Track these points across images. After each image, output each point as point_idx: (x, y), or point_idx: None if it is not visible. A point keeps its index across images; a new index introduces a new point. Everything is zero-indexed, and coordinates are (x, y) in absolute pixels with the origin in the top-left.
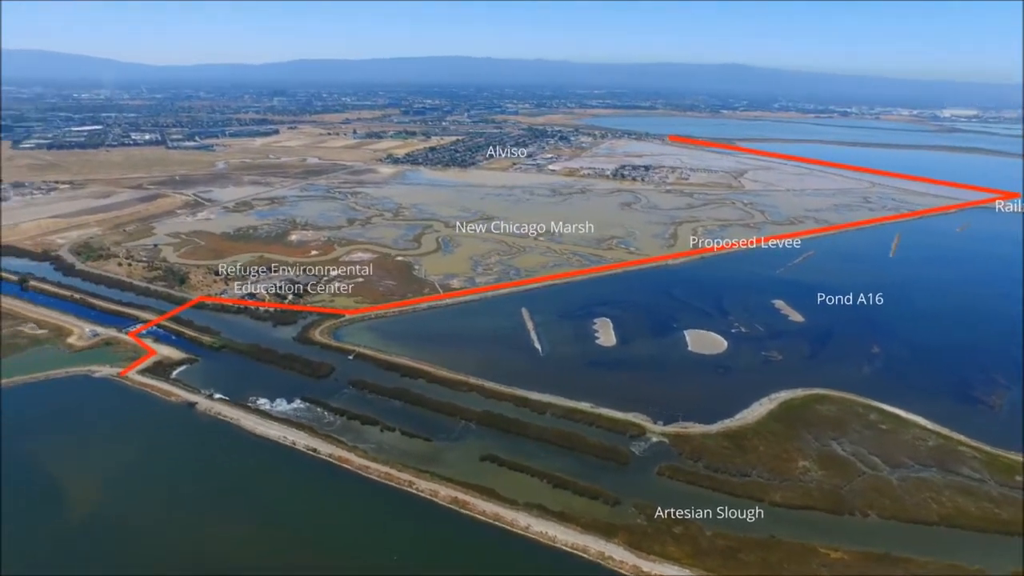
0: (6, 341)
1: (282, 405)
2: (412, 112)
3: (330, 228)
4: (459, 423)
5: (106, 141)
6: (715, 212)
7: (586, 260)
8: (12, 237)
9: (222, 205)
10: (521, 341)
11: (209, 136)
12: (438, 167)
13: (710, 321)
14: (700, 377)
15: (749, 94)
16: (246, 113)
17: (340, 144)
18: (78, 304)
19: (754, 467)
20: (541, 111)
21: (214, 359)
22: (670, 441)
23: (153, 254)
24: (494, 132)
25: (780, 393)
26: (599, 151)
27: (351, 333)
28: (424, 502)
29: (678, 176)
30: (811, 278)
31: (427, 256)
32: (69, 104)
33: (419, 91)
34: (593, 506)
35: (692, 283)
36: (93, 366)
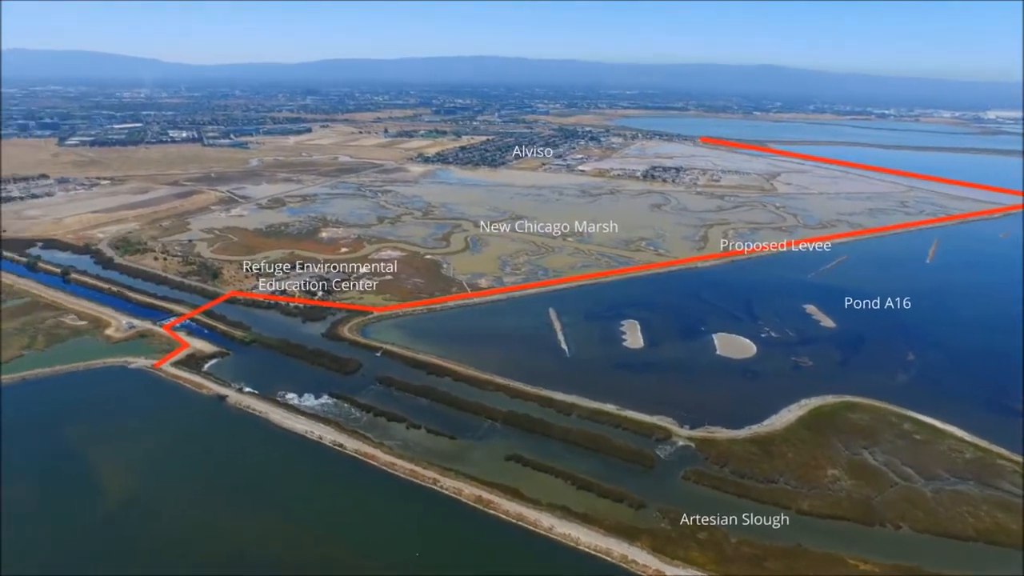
0: (49, 331)
1: (310, 400)
2: (443, 111)
3: (360, 226)
4: (484, 422)
5: (145, 138)
6: (746, 215)
7: (614, 261)
8: (56, 231)
9: (255, 202)
10: (548, 341)
11: (244, 134)
12: (468, 166)
13: (739, 325)
14: (728, 381)
15: (783, 95)
16: (280, 112)
17: (371, 143)
18: (116, 297)
19: (782, 474)
20: (572, 111)
21: (245, 353)
22: (696, 445)
23: (188, 249)
24: (524, 132)
25: (810, 400)
26: (630, 152)
27: (379, 330)
28: (448, 500)
29: (709, 178)
30: (844, 283)
31: (455, 255)
32: (112, 102)
33: (450, 91)
34: (617, 509)
35: (722, 286)
36: (129, 357)
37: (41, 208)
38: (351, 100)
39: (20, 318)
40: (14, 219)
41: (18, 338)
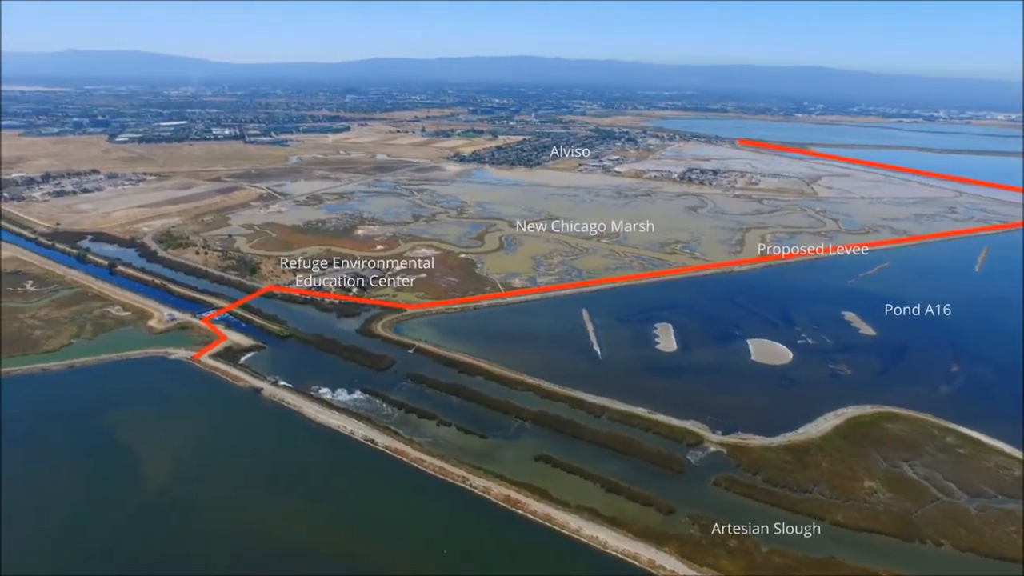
0: (96, 321)
1: (343, 395)
2: (480, 111)
3: (395, 224)
4: (514, 422)
5: (190, 135)
6: (785, 219)
7: (649, 264)
8: (104, 224)
9: (293, 199)
10: (580, 343)
11: (284, 132)
12: (504, 166)
13: (775, 331)
14: (762, 388)
15: (826, 97)
16: (320, 110)
17: (408, 141)
18: (159, 289)
19: (816, 484)
20: (609, 112)
21: (280, 347)
22: (728, 452)
23: (228, 244)
24: (561, 132)
25: (847, 409)
26: (666, 153)
27: (412, 327)
28: (477, 499)
29: (747, 181)
30: (885, 290)
31: (490, 254)
32: (159, 101)
33: (488, 90)
34: (646, 513)
35: (758, 291)
36: (170, 348)
37: (91, 202)
38: (390, 99)
39: (70, 307)
40: (67, 212)
41: (67, 327)
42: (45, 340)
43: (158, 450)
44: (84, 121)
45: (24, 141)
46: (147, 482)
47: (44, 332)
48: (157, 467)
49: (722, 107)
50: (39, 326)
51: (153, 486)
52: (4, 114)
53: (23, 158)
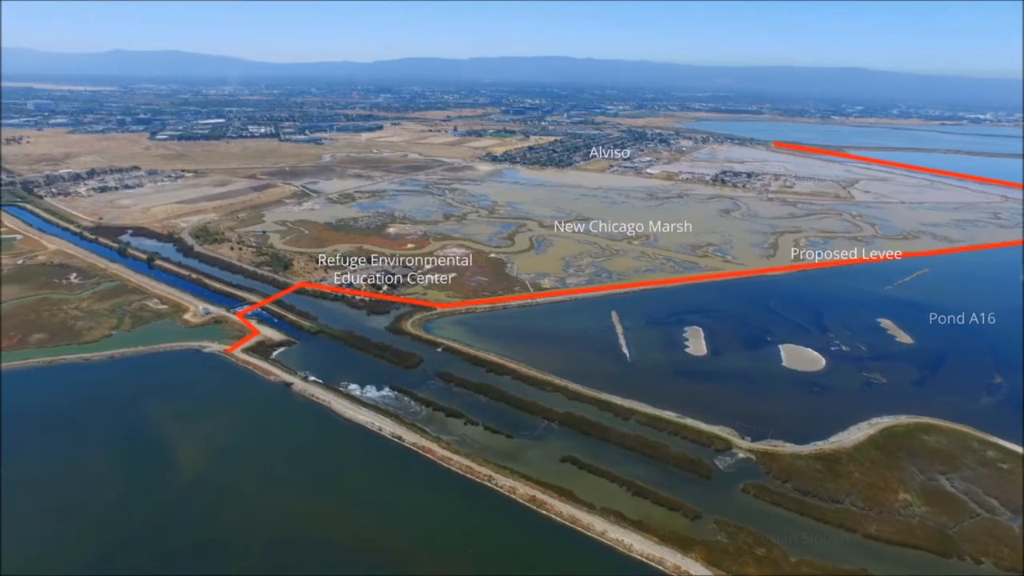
0: (135, 313)
1: (372, 392)
2: (512, 111)
3: (426, 223)
4: (541, 422)
5: (227, 133)
6: (820, 223)
7: (680, 266)
8: (144, 220)
9: (326, 196)
10: (609, 345)
11: (318, 130)
12: (535, 166)
13: (808, 337)
14: (793, 394)
15: (866, 99)
16: (353, 109)
17: (440, 141)
18: (194, 284)
19: (848, 494)
20: (641, 113)
21: (311, 343)
22: (757, 458)
23: (261, 240)
24: (593, 133)
25: (882, 418)
26: (699, 155)
27: (441, 326)
28: (502, 498)
29: (782, 184)
30: (924, 298)
31: (520, 254)
32: (198, 99)
33: (520, 90)
34: (672, 518)
35: (790, 296)
36: (204, 341)
37: (132, 198)
38: (422, 99)
39: (111, 300)
40: (109, 208)
41: (108, 318)
42: (87, 331)
43: (192, 440)
44: (127, 119)
45: (72, 138)
46: (182, 471)
47: (86, 323)
48: (191, 457)
49: (757, 109)
50: (81, 317)
51: (187, 475)
52: (54, 112)
53: (70, 154)
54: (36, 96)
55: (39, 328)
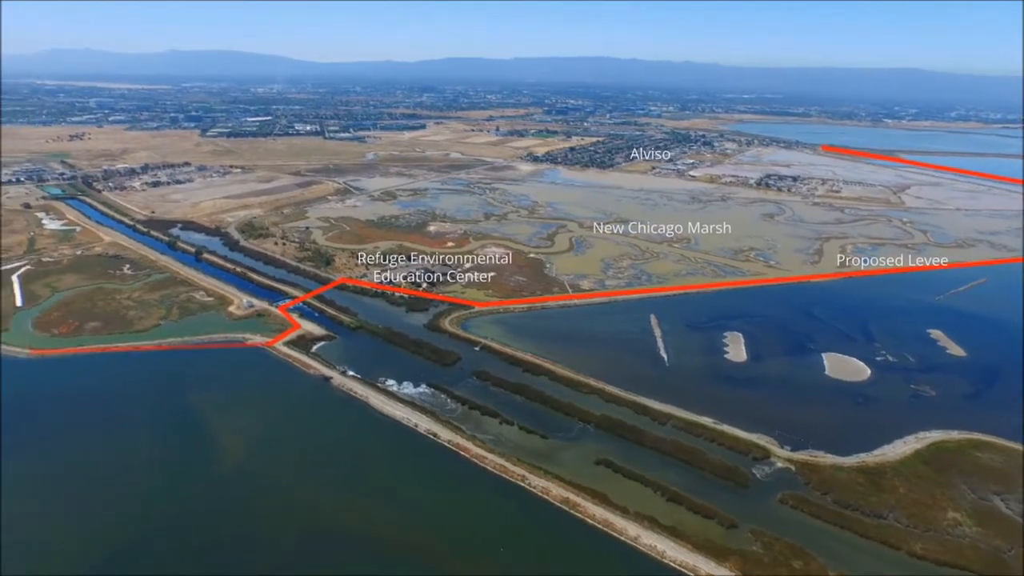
0: (182, 305)
1: (409, 388)
2: (554, 111)
3: (467, 222)
4: (577, 424)
5: (274, 131)
6: (868, 229)
7: (721, 271)
8: (193, 214)
9: (368, 194)
10: (647, 348)
11: (362, 128)
12: (576, 167)
13: (852, 346)
14: (836, 404)
15: (921, 101)
16: (397, 108)
17: (482, 140)
18: (239, 277)
19: (892, 510)
20: (685, 115)
21: (350, 338)
22: (796, 469)
23: (304, 236)
24: (635, 134)
25: (930, 433)
26: (743, 158)
27: (479, 325)
28: (535, 498)
29: (829, 188)
30: (979, 309)
31: (559, 255)
32: (247, 97)
33: (563, 91)
34: (707, 525)
35: (835, 303)
36: (247, 334)
37: (183, 193)
38: (465, 98)
39: (160, 291)
40: (161, 202)
41: (157, 309)
42: (137, 320)
43: (232, 431)
44: (180, 117)
45: (128, 135)
46: (222, 460)
47: (137, 313)
48: (231, 446)
49: (804, 111)
50: (133, 307)
51: (227, 464)
52: (114, 110)
53: (126, 150)
54: (98, 95)
55: (94, 316)
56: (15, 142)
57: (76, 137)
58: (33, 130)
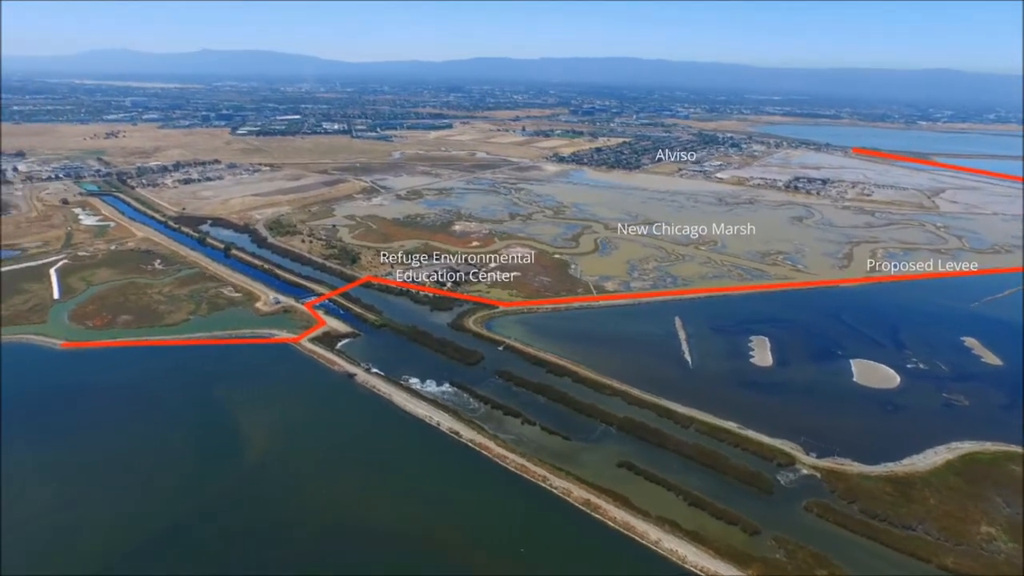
0: (211, 300)
1: (431, 386)
2: (581, 112)
3: (492, 221)
4: (599, 425)
5: (302, 129)
6: (899, 233)
7: (747, 274)
8: (222, 210)
9: (395, 192)
10: (671, 351)
11: (389, 128)
12: (602, 168)
13: (882, 353)
14: (864, 412)
15: (957, 103)
16: (424, 107)
17: (508, 140)
18: (267, 273)
19: (921, 521)
20: (712, 116)
21: (374, 336)
22: (822, 476)
23: (331, 234)
24: (662, 135)
25: (963, 443)
26: (772, 160)
27: (502, 325)
28: (556, 499)
29: (859, 192)
30: (1016, 316)
31: (584, 256)
32: (276, 96)
33: (589, 91)
34: (730, 531)
35: (865, 309)
36: (273, 330)
37: (213, 190)
38: (491, 98)
39: (190, 286)
40: (191, 199)
41: (186, 303)
42: (167, 314)
43: (258, 424)
44: (211, 115)
45: (161, 133)
46: (246, 453)
47: (167, 307)
48: (257, 439)
49: (835, 113)
50: (163, 301)
51: (253, 457)
52: (147, 109)
53: (159, 148)
54: (133, 94)
55: (127, 310)
56: (55, 140)
57: (111, 135)
58: (71, 128)
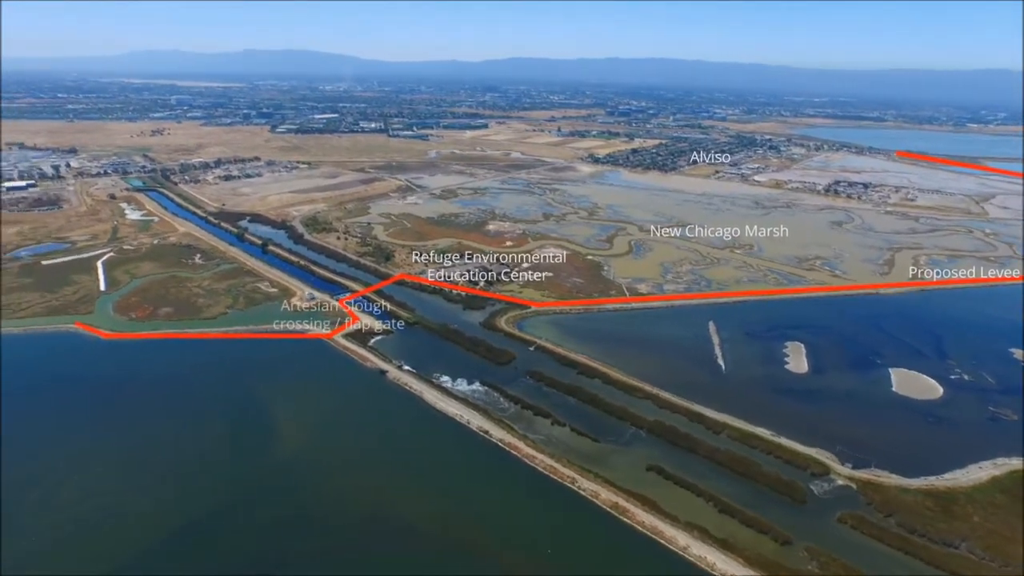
0: (248, 294)
1: (462, 385)
2: (617, 113)
3: (525, 221)
4: (629, 428)
5: (339, 128)
6: (945, 240)
7: (784, 279)
8: (260, 207)
9: (429, 191)
10: (704, 355)
11: (425, 127)
12: (638, 169)
13: (923, 362)
14: (904, 423)
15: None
16: (460, 107)
17: (544, 141)
18: (302, 269)
19: (964, 539)
20: (751, 118)
21: (407, 333)
22: (858, 487)
23: (366, 231)
24: (699, 137)
25: (1010, 460)
26: (812, 164)
27: (534, 325)
28: (584, 501)
29: (903, 196)
30: None
31: (617, 258)
32: (315, 95)
33: (626, 92)
34: (760, 540)
35: (906, 317)
36: (308, 325)
37: (252, 187)
38: (527, 98)
39: (228, 280)
40: (231, 195)
41: (224, 297)
42: (206, 308)
43: (290, 417)
44: (251, 113)
45: (204, 130)
46: (279, 445)
47: (205, 301)
48: (289, 433)
49: (879, 116)
50: (202, 295)
51: (285, 450)
52: (191, 107)
53: (201, 145)
54: (178, 92)
55: (167, 303)
56: (104, 137)
57: (157, 132)
58: (120, 126)
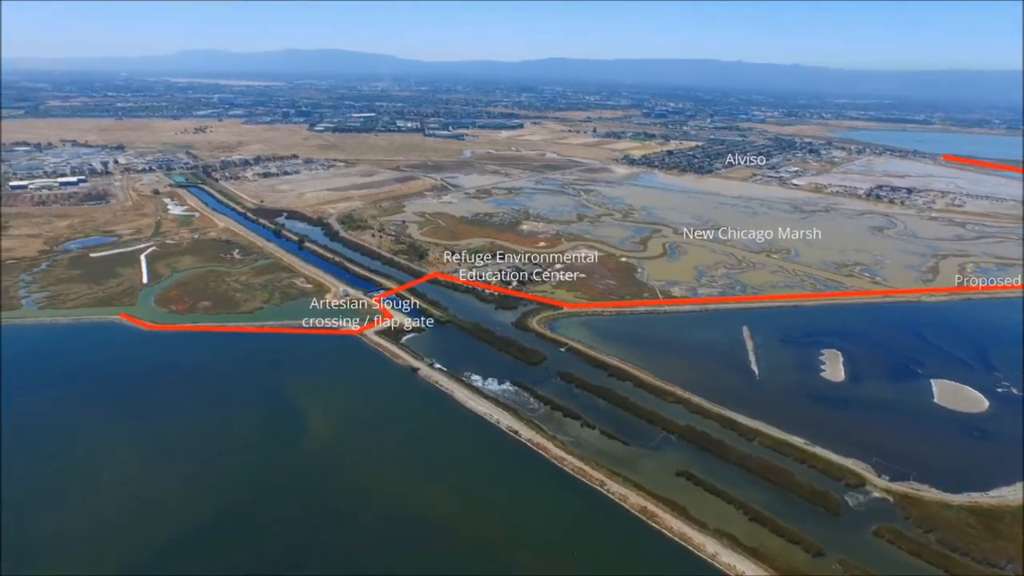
0: (284, 290)
1: (493, 385)
2: (653, 114)
3: (559, 222)
4: (660, 432)
5: (376, 127)
6: (993, 247)
7: (821, 284)
8: (297, 204)
9: (464, 191)
10: (737, 360)
11: (461, 126)
12: (674, 171)
13: (968, 373)
14: (946, 436)
15: None
16: (496, 107)
17: (579, 141)
18: (337, 266)
19: (1010, 560)
20: (791, 120)
21: (439, 331)
22: (895, 501)
23: (400, 230)
24: (736, 139)
25: None
26: (853, 167)
27: (566, 326)
28: (612, 504)
29: (948, 202)
30: None
31: (651, 260)
32: (353, 94)
33: (663, 93)
34: (792, 551)
35: (950, 326)
36: (341, 321)
37: (290, 184)
38: (563, 99)
39: (264, 276)
40: (269, 192)
41: (261, 292)
42: (243, 302)
43: (322, 412)
44: (290, 112)
45: (244, 128)
46: (310, 439)
47: (243, 295)
48: (320, 427)
49: (925, 118)
50: (240, 289)
51: (315, 443)
52: (233, 105)
53: (242, 142)
54: (220, 91)
55: (206, 296)
56: (150, 134)
57: (199, 130)
58: (165, 124)
